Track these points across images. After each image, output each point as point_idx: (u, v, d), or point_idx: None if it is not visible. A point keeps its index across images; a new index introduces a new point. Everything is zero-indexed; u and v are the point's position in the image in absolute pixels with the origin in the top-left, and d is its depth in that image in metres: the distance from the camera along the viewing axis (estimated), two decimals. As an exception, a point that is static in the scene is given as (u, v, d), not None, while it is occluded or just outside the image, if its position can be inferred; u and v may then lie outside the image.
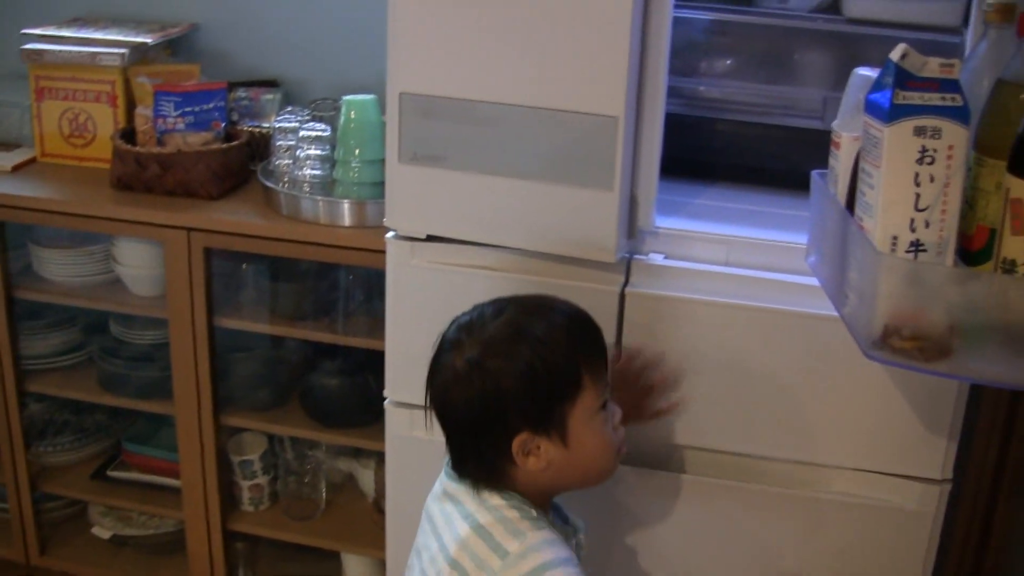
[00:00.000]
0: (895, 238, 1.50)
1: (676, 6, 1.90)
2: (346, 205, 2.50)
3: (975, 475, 2.40)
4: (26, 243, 2.89)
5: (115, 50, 2.81)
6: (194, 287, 2.64)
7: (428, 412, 1.71)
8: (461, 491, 1.70)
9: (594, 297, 1.95)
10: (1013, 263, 1.46)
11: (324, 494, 2.95)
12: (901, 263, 1.50)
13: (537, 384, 1.62)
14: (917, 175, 1.47)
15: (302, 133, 2.59)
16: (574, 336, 1.67)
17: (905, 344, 1.51)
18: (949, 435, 1.95)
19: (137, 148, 2.68)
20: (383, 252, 2.12)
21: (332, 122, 2.59)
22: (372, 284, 2.62)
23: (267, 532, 2.95)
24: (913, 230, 1.49)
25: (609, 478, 1.72)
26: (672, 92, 1.97)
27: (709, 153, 2.20)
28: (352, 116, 2.50)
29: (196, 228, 2.59)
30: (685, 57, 2.13)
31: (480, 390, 1.62)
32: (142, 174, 2.68)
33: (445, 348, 1.67)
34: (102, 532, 3.13)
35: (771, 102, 2.19)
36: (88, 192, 2.74)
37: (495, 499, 1.66)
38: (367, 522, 2.88)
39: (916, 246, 1.50)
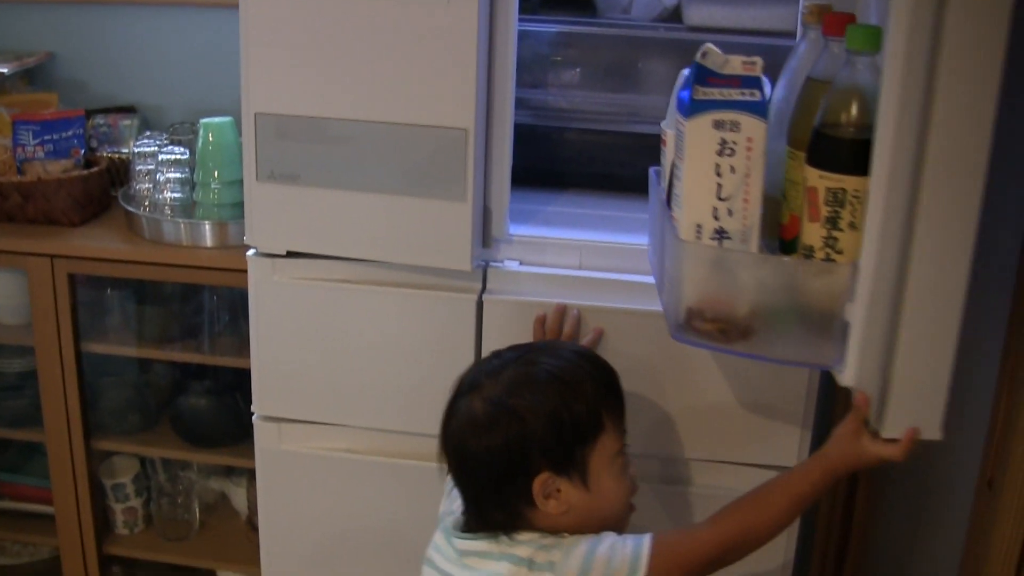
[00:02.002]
0: (699, 226, 1.59)
1: (521, 19, 1.97)
2: (207, 226, 2.54)
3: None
4: None
5: (-32, 81, 2.81)
6: (60, 314, 2.65)
7: (442, 459, 1.71)
8: (481, 545, 1.67)
9: (453, 305, 2.02)
10: (811, 248, 1.54)
11: (198, 514, 2.97)
12: (698, 249, 1.60)
13: (561, 424, 1.63)
14: (718, 166, 1.55)
15: (161, 157, 2.62)
16: (596, 380, 1.70)
17: (707, 326, 1.62)
18: (803, 424, 2.04)
19: (-4, 179, 2.69)
20: (246, 271, 2.16)
21: (190, 145, 2.63)
22: (236, 304, 2.66)
23: (143, 554, 2.96)
24: (717, 218, 1.58)
25: (623, 527, 1.71)
26: (521, 104, 2.05)
27: (559, 162, 2.28)
28: (210, 139, 2.54)
29: (59, 255, 2.60)
30: (532, 69, 2.21)
31: (504, 429, 1.62)
32: (3, 204, 2.69)
33: (463, 392, 1.68)
34: None
35: (617, 110, 2.27)
36: (-51, 224, 2.73)
37: (523, 535, 1.64)
38: (241, 539, 2.91)
39: (720, 234, 1.59)
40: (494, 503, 1.66)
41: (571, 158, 2.28)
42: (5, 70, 2.89)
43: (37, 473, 3.00)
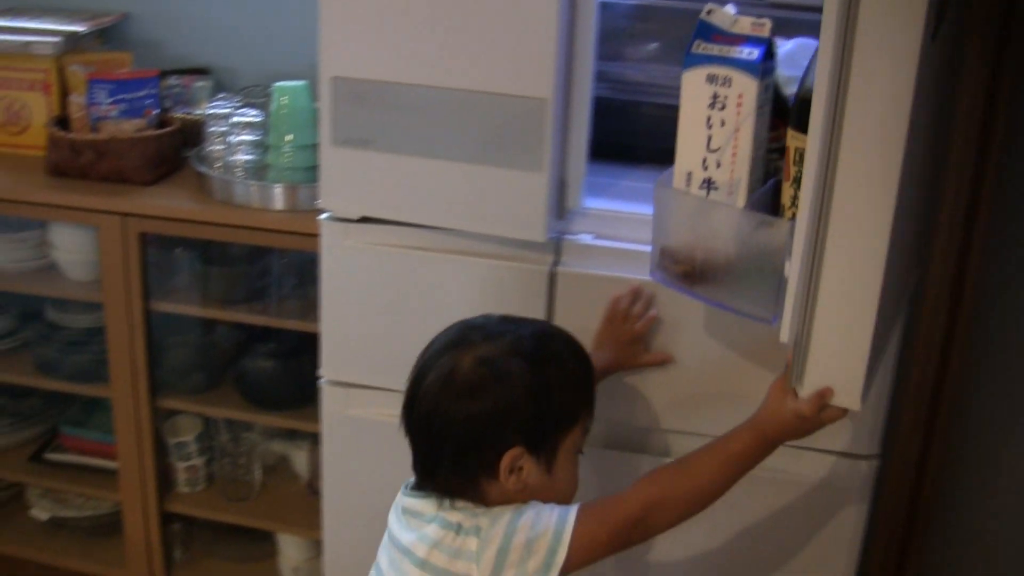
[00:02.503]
0: (690, 175, 1.68)
1: (602, -9, 1.96)
2: (278, 189, 2.54)
3: (901, 450, 2.46)
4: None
5: (48, 39, 2.83)
6: (129, 272, 2.67)
7: (405, 411, 1.69)
8: (422, 504, 1.67)
9: (524, 276, 2.01)
10: (783, 207, 1.62)
11: (258, 476, 2.98)
12: (669, 193, 1.72)
13: (550, 403, 1.64)
14: (709, 118, 1.63)
15: (234, 119, 2.62)
16: (587, 371, 1.71)
17: (675, 268, 1.75)
18: (876, 410, 2.01)
19: (72, 135, 2.71)
20: (315, 236, 2.17)
21: (264, 108, 2.63)
22: (304, 268, 2.66)
23: (203, 513, 2.98)
24: (705, 168, 1.66)
25: None
26: (599, 76, 2.03)
27: (636, 136, 2.26)
28: (284, 102, 2.54)
29: (131, 213, 2.62)
30: (611, 41, 2.19)
31: (492, 395, 1.61)
32: (77, 161, 2.70)
33: (448, 345, 1.67)
34: (40, 514, 3.15)
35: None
36: (23, 179, 2.76)
37: (460, 502, 1.64)
38: (301, 503, 2.93)
39: (708, 184, 1.67)
40: (452, 468, 1.64)
41: (647, 132, 2.25)
42: (81, 29, 2.91)
43: (100, 428, 3.04)
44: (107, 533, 3.11)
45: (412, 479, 1.74)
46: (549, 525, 1.60)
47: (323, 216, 2.12)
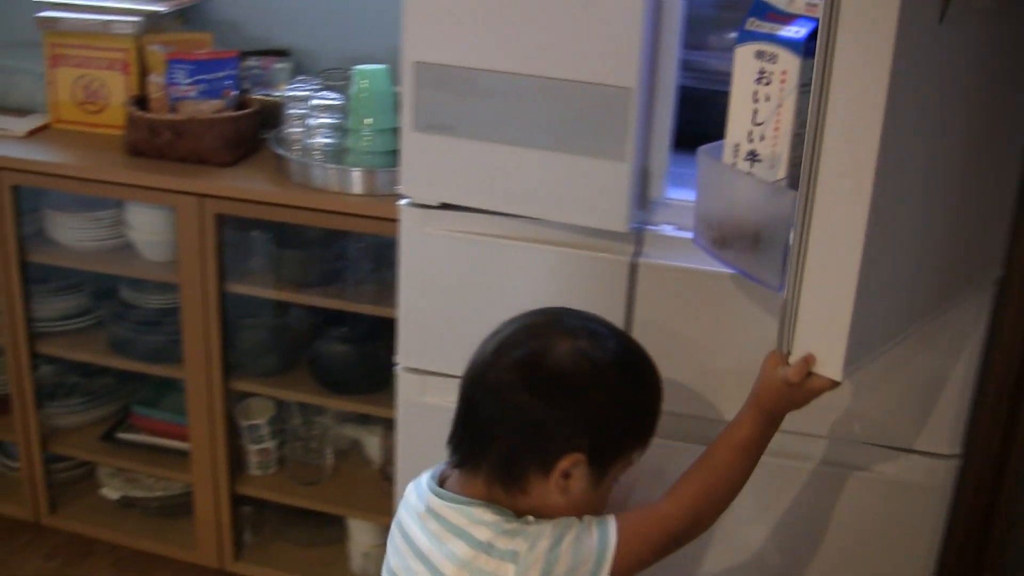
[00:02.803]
0: (737, 146, 1.74)
1: (687, -20, 1.93)
2: (357, 173, 2.53)
3: (981, 450, 2.42)
4: (39, 207, 2.92)
5: (128, 18, 2.83)
6: (205, 253, 2.67)
7: (469, 378, 1.63)
8: (447, 508, 1.61)
9: (605, 267, 1.99)
10: None
11: (330, 460, 2.97)
12: (708, 162, 1.80)
13: (632, 418, 1.62)
14: (756, 93, 1.69)
15: (314, 102, 2.61)
16: (662, 397, 1.68)
17: (708, 233, 1.83)
18: (958, 410, 1.98)
19: (151, 115, 2.71)
20: (393, 220, 2.15)
21: (343, 91, 2.61)
22: (380, 252, 2.65)
23: (274, 496, 2.98)
24: (751, 141, 1.72)
25: None
26: (684, 65, 1.99)
27: (720, 126, 2.22)
28: (364, 86, 2.53)
29: (208, 194, 2.62)
30: (696, 31, 2.15)
31: (582, 390, 1.56)
32: (155, 141, 2.70)
33: (541, 326, 1.62)
34: (110, 493, 3.16)
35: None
36: (102, 158, 2.76)
37: (488, 515, 1.57)
38: (373, 488, 2.91)
39: (752, 156, 1.72)
40: (504, 456, 1.58)
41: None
42: (161, 9, 2.90)
43: (172, 409, 3.04)
44: (177, 514, 3.12)
45: (439, 468, 1.70)
46: (592, 549, 1.55)
47: (402, 202, 2.10)
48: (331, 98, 2.61)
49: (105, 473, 3.19)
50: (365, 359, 2.75)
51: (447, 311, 2.12)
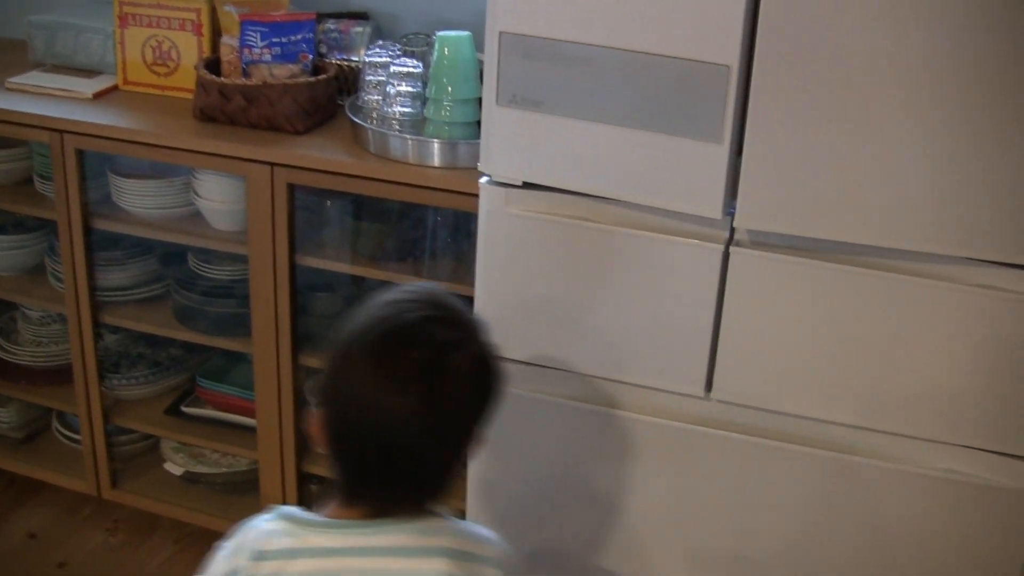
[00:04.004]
0: None
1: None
2: (436, 145, 2.40)
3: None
4: (105, 172, 2.82)
5: (201, -24, 2.72)
6: (276, 224, 2.57)
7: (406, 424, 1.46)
8: (399, 538, 1.50)
9: (696, 254, 1.86)
10: None
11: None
12: None
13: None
14: None
15: (393, 69, 2.49)
16: None
17: None
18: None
19: (222, 79, 2.60)
20: (473, 195, 2.05)
21: (424, 58, 2.49)
22: (459, 226, 2.54)
23: (341, 476, 2.86)
24: None
25: None
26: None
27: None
28: (446, 53, 2.40)
29: (280, 163, 2.51)
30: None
31: (488, 385, 1.52)
32: (226, 106, 2.59)
33: (448, 347, 1.47)
34: (174, 468, 3.08)
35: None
36: (170, 123, 2.66)
37: (433, 519, 1.53)
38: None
39: None
40: (442, 470, 1.53)
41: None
42: (239, -32, 2.79)
43: (239, 383, 2.95)
44: (242, 491, 3.04)
45: (278, 523, 1.57)
46: None
47: (483, 180, 1.98)
48: (411, 65, 2.49)
49: (169, 447, 3.11)
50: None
51: (527, 295, 2.01)
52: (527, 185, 1.95)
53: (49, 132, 2.70)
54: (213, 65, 2.69)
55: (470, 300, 2.08)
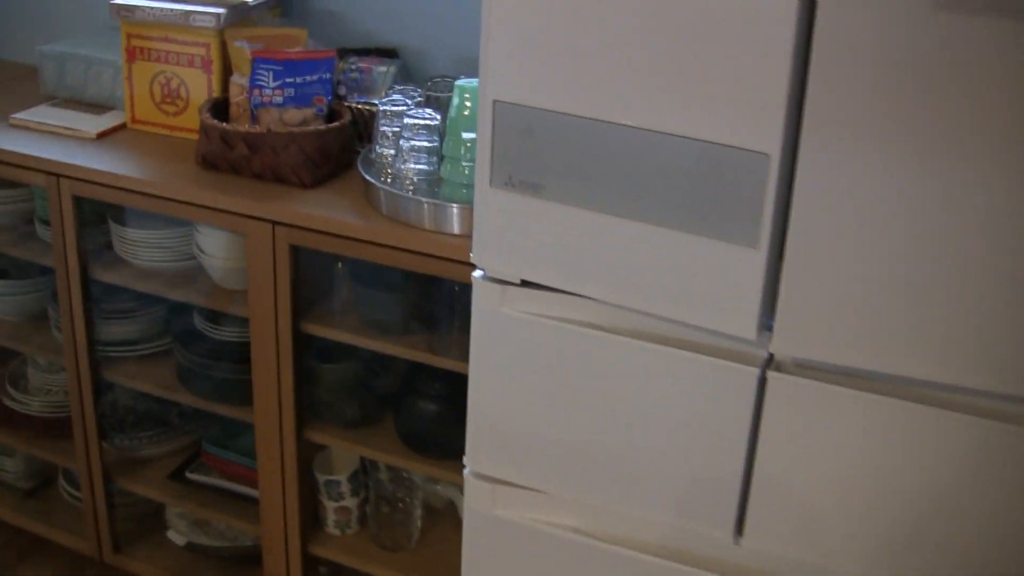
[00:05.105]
0: None
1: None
2: (454, 210, 2.12)
3: None
4: (105, 219, 2.57)
5: (211, 9, 2.45)
6: (278, 286, 2.31)
7: None
8: None
9: (725, 377, 1.55)
10: None
11: (420, 523, 2.60)
12: None
13: None
14: None
15: (407, 120, 2.20)
16: None
17: None
18: None
19: (224, 125, 2.33)
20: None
21: (447, 107, 2.19)
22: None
23: (352, 561, 2.61)
24: None
25: None
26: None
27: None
28: (465, 104, 2.11)
29: (282, 222, 2.25)
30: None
31: None
32: (229, 154, 2.33)
33: None
34: (177, 538, 2.87)
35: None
36: (172, 169, 2.42)
37: None
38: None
39: None
40: None
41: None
42: (254, 0, 2.52)
43: (246, 450, 2.70)
44: (249, 565, 2.78)
45: None
46: None
47: (477, 274, 1.68)
48: (427, 117, 2.19)
49: (173, 513, 2.89)
50: (459, 421, 2.33)
51: (523, 410, 1.72)
52: (526, 283, 1.64)
53: (45, 175, 2.48)
54: (221, 107, 2.43)
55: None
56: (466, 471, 1.81)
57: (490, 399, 1.74)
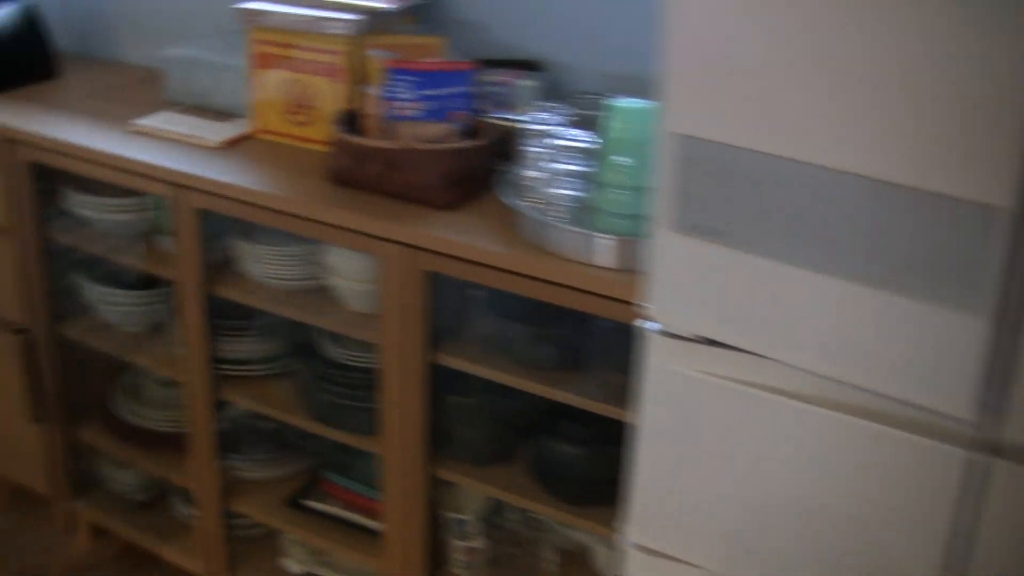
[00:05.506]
0: None
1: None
2: (605, 242, 1.94)
3: None
4: (226, 232, 2.46)
5: (345, 16, 2.30)
6: (410, 313, 2.17)
7: None
8: None
9: (933, 460, 1.36)
10: None
11: (551, 568, 2.45)
12: None
13: None
14: None
15: (559, 141, 2.03)
16: None
17: None
18: None
19: (358, 140, 2.19)
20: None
21: (599, 129, 2.02)
22: (629, 340, 2.07)
23: (479, 604, 2.45)
24: None
25: None
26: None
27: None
28: (619, 128, 1.94)
29: (416, 246, 2.10)
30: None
31: None
32: (361, 170, 2.19)
33: None
34: (293, 566, 2.76)
35: None
36: (300, 184, 2.28)
37: None
38: (599, 606, 2.36)
39: None
40: None
41: None
42: (388, 6, 2.37)
43: (369, 480, 2.57)
44: (368, 603, 2.64)
45: None
46: None
47: (649, 326, 1.51)
48: (582, 139, 2.02)
49: (289, 540, 2.76)
50: (600, 466, 2.20)
51: (695, 481, 1.55)
52: (706, 340, 1.47)
53: (169, 186, 2.38)
54: (351, 119, 2.28)
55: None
56: (626, 541, 1.64)
57: (658, 465, 1.57)
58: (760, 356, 1.45)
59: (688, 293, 1.46)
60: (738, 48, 1.34)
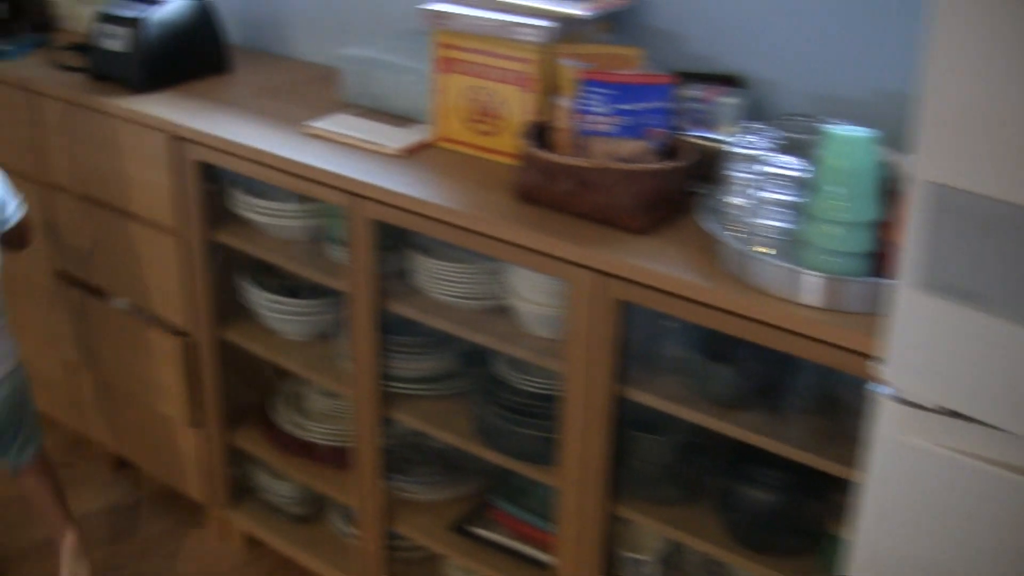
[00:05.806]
0: None
1: None
2: (813, 279, 1.79)
3: None
4: (401, 244, 2.36)
5: (536, 21, 2.18)
6: (597, 343, 2.04)
7: None
8: None
9: None
10: None
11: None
12: None
13: None
14: None
15: (768, 168, 1.87)
16: None
17: None
18: None
19: (548, 155, 2.07)
20: (859, 353, 1.63)
21: (811, 156, 1.86)
22: (837, 387, 1.96)
23: (652, 648, 2.31)
24: None
25: None
26: None
27: None
28: (835, 156, 1.77)
29: (610, 273, 1.97)
30: None
31: None
32: (552, 188, 2.07)
33: None
34: None
35: None
36: (485, 199, 2.18)
37: None
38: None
39: None
40: None
41: None
42: (583, 13, 2.23)
43: (541, 510, 2.46)
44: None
45: None
46: None
47: (885, 391, 1.35)
48: (795, 167, 1.86)
49: (451, 566, 2.67)
50: (791, 515, 2.05)
51: (926, 559, 1.37)
52: (947, 411, 1.31)
53: (344, 195, 2.28)
54: (539, 132, 2.16)
55: (837, 482, 1.62)
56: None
57: (883, 539, 1.42)
58: (1007, 431, 1.29)
59: (931, 359, 1.32)
60: (1002, 92, 1.18)
